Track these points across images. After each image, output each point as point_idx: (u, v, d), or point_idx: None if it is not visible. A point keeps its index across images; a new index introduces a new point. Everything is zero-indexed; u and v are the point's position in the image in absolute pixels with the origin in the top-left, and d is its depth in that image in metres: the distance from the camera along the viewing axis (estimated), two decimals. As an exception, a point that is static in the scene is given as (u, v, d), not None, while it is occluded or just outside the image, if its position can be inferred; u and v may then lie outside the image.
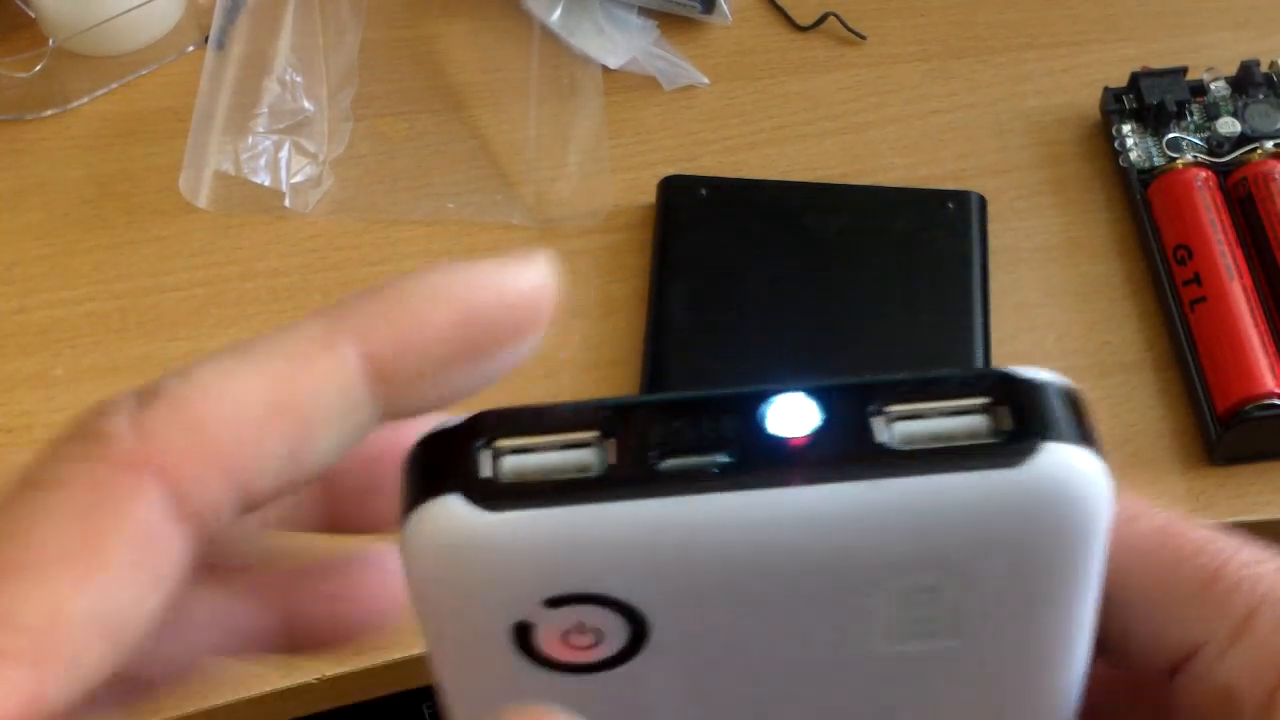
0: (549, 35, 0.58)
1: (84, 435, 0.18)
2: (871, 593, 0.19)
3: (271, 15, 0.56)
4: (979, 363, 0.50)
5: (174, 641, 0.20)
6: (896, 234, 0.53)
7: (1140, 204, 0.54)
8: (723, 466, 0.18)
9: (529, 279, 0.19)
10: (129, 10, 0.57)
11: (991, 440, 0.18)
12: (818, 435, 0.18)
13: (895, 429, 0.18)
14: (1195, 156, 0.54)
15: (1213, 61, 0.57)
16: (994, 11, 0.61)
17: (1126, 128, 0.56)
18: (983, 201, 0.54)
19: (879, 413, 0.18)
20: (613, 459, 0.18)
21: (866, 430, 0.18)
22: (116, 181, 0.57)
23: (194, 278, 0.54)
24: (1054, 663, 0.20)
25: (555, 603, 0.18)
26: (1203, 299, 0.51)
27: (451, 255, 0.55)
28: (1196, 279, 0.51)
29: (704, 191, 0.54)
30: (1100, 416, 0.52)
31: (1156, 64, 0.57)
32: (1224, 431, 0.48)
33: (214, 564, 0.20)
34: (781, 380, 0.19)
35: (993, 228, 0.54)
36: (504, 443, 0.18)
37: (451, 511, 0.18)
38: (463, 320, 0.19)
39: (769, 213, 0.53)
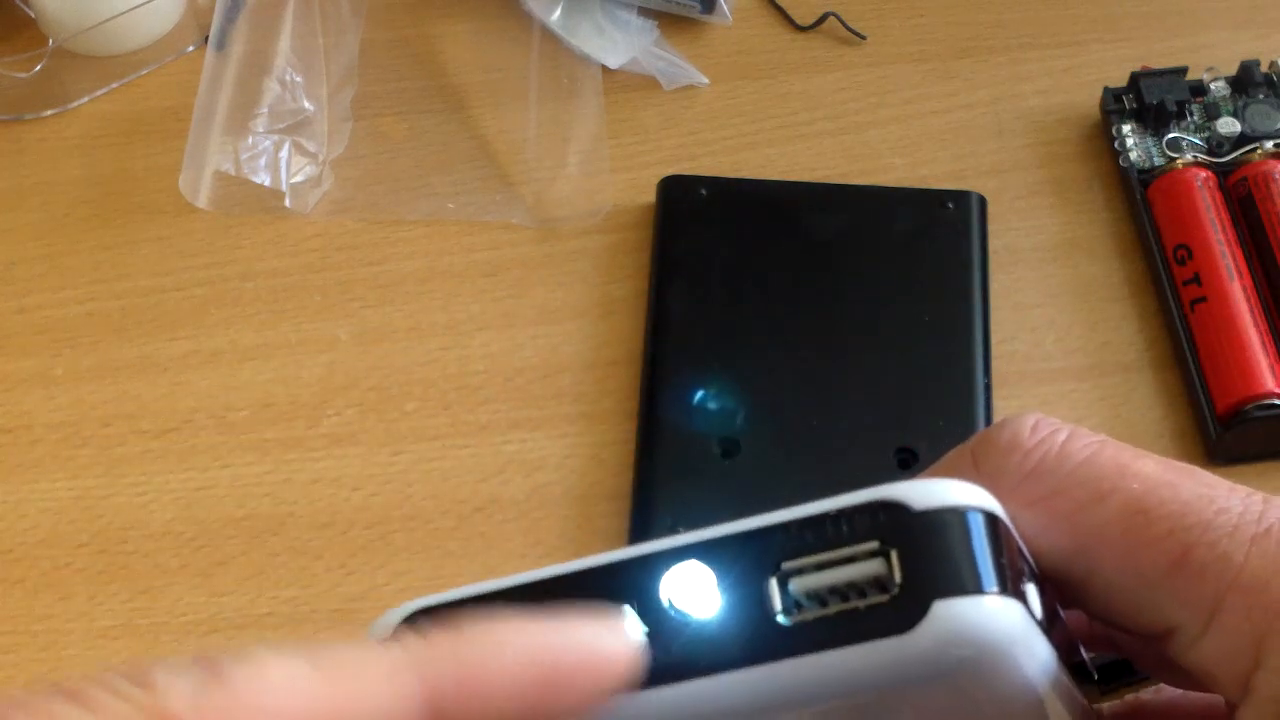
0: (549, 35, 0.58)
1: (142, 707, 0.16)
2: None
3: (271, 15, 0.56)
4: (979, 365, 0.50)
5: None
6: (896, 234, 0.53)
7: (1140, 204, 0.54)
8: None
9: (616, 645, 0.19)
10: (129, 10, 0.57)
11: (882, 600, 0.18)
12: (716, 616, 0.19)
13: (791, 586, 0.19)
14: (1195, 156, 0.54)
15: (1213, 61, 0.57)
16: (994, 11, 0.61)
17: (1126, 128, 0.56)
18: (983, 201, 0.54)
19: (774, 571, 0.19)
20: None
21: (763, 602, 0.19)
22: (116, 181, 0.57)
23: (194, 278, 0.54)
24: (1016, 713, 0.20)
25: None
26: (1203, 299, 0.51)
27: (451, 255, 0.55)
28: (1196, 279, 0.51)
29: (704, 191, 0.54)
30: (1100, 416, 0.52)
31: (1156, 64, 0.57)
32: (1224, 431, 0.48)
33: None
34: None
35: (993, 228, 0.54)
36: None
37: None
38: (540, 680, 0.18)
39: (769, 213, 0.53)
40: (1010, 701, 0.20)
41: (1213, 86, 0.56)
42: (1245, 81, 0.56)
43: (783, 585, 0.19)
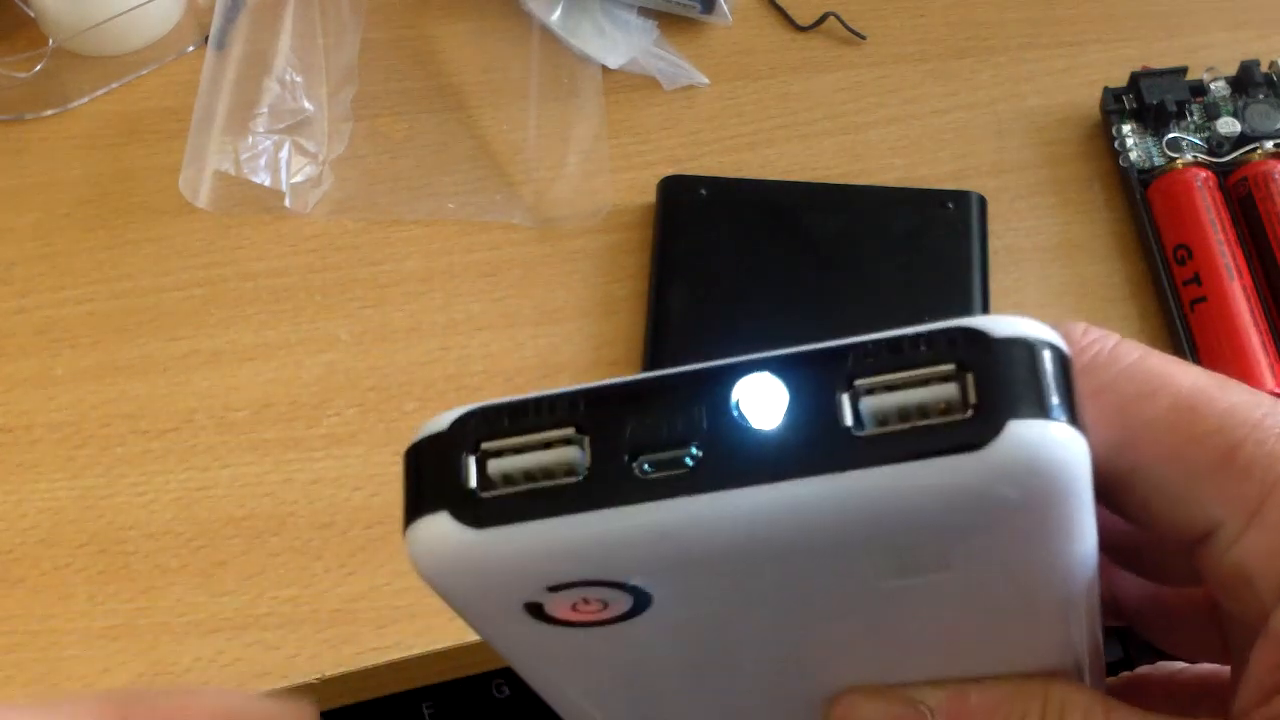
0: (549, 35, 0.58)
1: None
2: (854, 559, 0.19)
3: (271, 15, 0.56)
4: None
5: None
6: (896, 234, 0.53)
7: (1140, 204, 0.54)
8: (695, 462, 0.19)
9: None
10: (129, 10, 0.57)
11: (957, 418, 0.18)
12: (785, 425, 0.19)
13: (863, 405, 0.19)
14: (1195, 156, 0.54)
15: (1213, 61, 0.57)
16: (994, 11, 0.61)
17: (1126, 128, 0.56)
18: (983, 201, 0.54)
19: (846, 388, 0.19)
20: (589, 460, 0.19)
21: (833, 414, 0.18)
22: (116, 181, 0.57)
23: (194, 278, 0.54)
24: (1052, 590, 0.20)
25: (555, 589, 0.19)
26: (1203, 299, 0.51)
27: (451, 255, 0.55)
28: (1196, 279, 0.51)
29: (704, 191, 0.54)
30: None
31: (1156, 64, 0.57)
32: (1224, 431, 0.48)
33: None
34: (753, 349, 0.20)
35: (993, 228, 0.54)
36: (488, 445, 0.19)
37: (441, 530, 0.19)
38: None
39: (769, 213, 0.53)
40: (1050, 567, 0.20)
41: (1213, 86, 0.56)
42: (1245, 81, 0.56)
43: (855, 401, 0.19)
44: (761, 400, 0.19)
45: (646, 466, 0.19)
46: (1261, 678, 0.20)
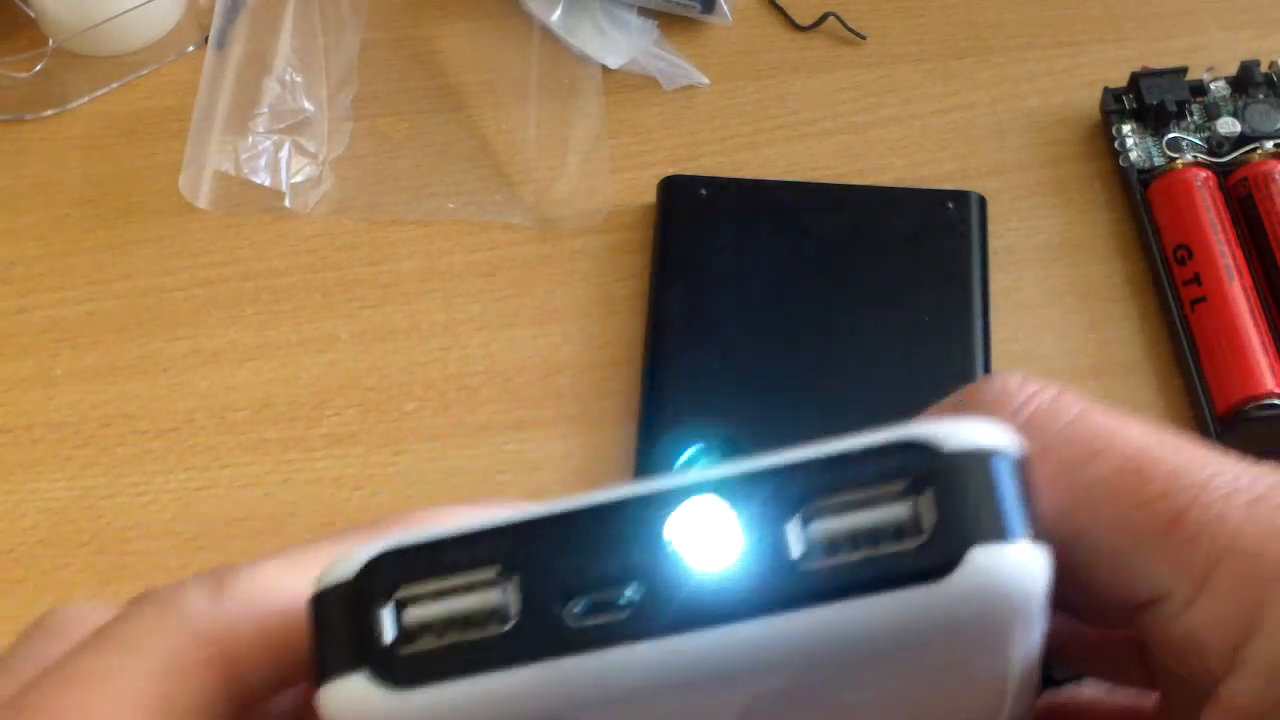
0: (549, 35, 0.58)
1: (162, 606, 0.19)
2: (805, 686, 0.18)
3: (271, 15, 0.56)
4: (980, 365, 0.50)
5: None
6: (896, 234, 0.53)
7: (1140, 204, 0.54)
8: (633, 605, 0.17)
9: None
10: (129, 10, 0.57)
11: (913, 545, 0.17)
12: (728, 559, 0.17)
13: (812, 531, 0.17)
14: (1195, 156, 0.54)
15: (1213, 61, 0.57)
16: (994, 11, 0.61)
17: (1126, 128, 0.56)
18: (983, 201, 0.54)
19: (794, 515, 0.18)
20: (518, 604, 0.18)
21: (780, 545, 0.17)
22: (116, 181, 0.57)
23: (194, 278, 0.54)
24: (997, 682, 0.20)
25: None
26: (1203, 299, 0.51)
27: (451, 255, 0.55)
28: (1196, 279, 0.51)
29: (704, 191, 0.54)
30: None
31: (1156, 64, 0.57)
32: (1224, 431, 0.48)
33: None
34: (689, 469, 0.18)
35: (993, 228, 0.54)
36: (403, 593, 0.18)
37: (359, 694, 0.18)
38: None
39: (769, 213, 0.53)
40: (999, 668, 0.19)
41: (1213, 86, 0.56)
42: (1245, 81, 0.56)
43: (802, 527, 0.17)
44: (702, 532, 0.18)
45: (580, 610, 0.17)
46: None
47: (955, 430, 0.18)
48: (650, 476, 0.18)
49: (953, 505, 0.17)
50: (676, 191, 0.54)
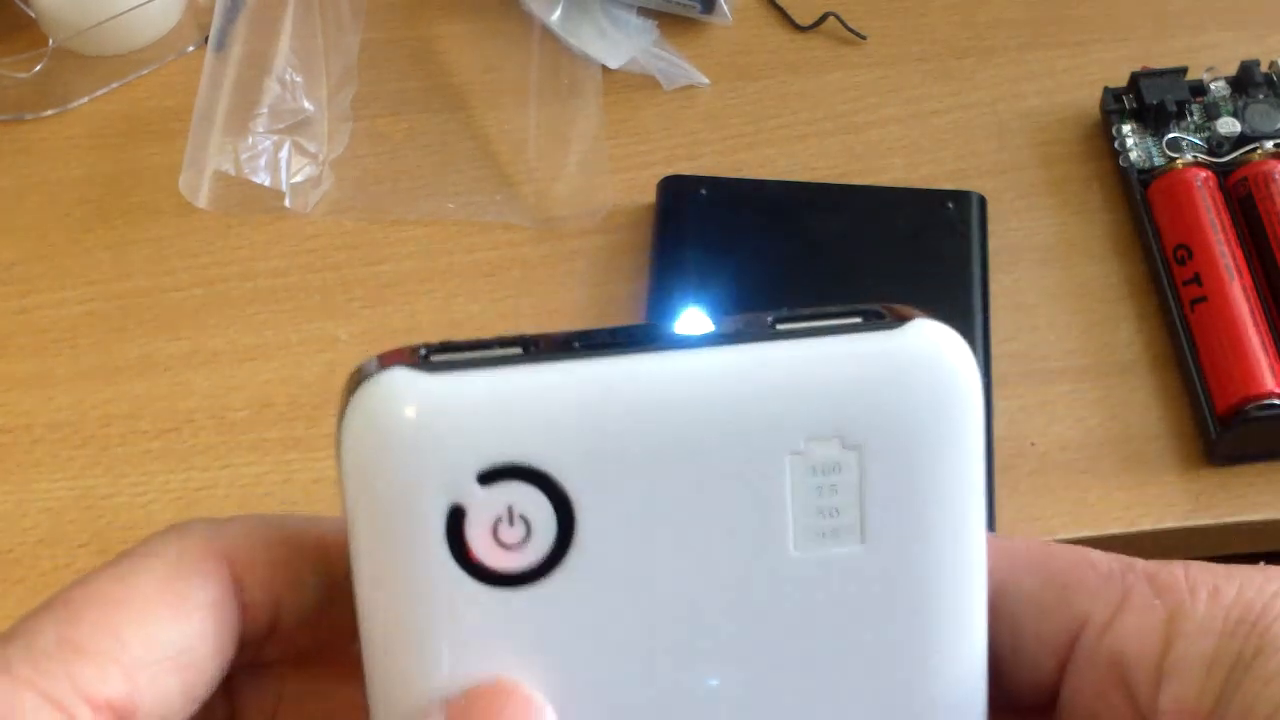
0: (549, 35, 0.58)
1: (174, 527, 0.22)
2: (779, 467, 0.20)
3: (271, 15, 0.56)
4: (979, 363, 0.50)
5: None
6: (896, 234, 0.53)
7: (1140, 204, 0.54)
8: (634, 343, 0.20)
9: None
10: (129, 10, 0.57)
11: (867, 324, 0.21)
12: (720, 325, 0.21)
13: (784, 322, 0.21)
14: (1195, 156, 0.54)
15: (1213, 61, 0.57)
16: (994, 11, 0.61)
17: (1126, 128, 0.56)
18: (983, 201, 0.54)
19: (769, 324, 0.21)
20: (535, 348, 0.20)
21: (760, 321, 0.21)
22: (116, 181, 0.57)
23: (194, 278, 0.54)
24: (952, 571, 0.21)
25: (487, 479, 0.20)
26: (1203, 299, 0.51)
27: (451, 255, 0.55)
28: (1196, 279, 0.51)
29: (704, 191, 0.54)
30: (1100, 416, 0.52)
31: (1156, 64, 0.57)
32: (1224, 432, 0.48)
33: None
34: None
35: (993, 228, 0.54)
36: (437, 358, 0.20)
37: (396, 378, 0.20)
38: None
39: (769, 213, 0.53)
40: (953, 464, 0.21)
41: (1213, 86, 0.56)
42: (1245, 81, 0.56)
43: (775, 324, 0.21)
44: (698, 322, 0.21)
45: (590, 344, 0.20)
46: None
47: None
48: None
49: (898, 311, 0.21)
50: (676, 191, 0.54)
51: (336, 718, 0.24)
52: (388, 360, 0.21)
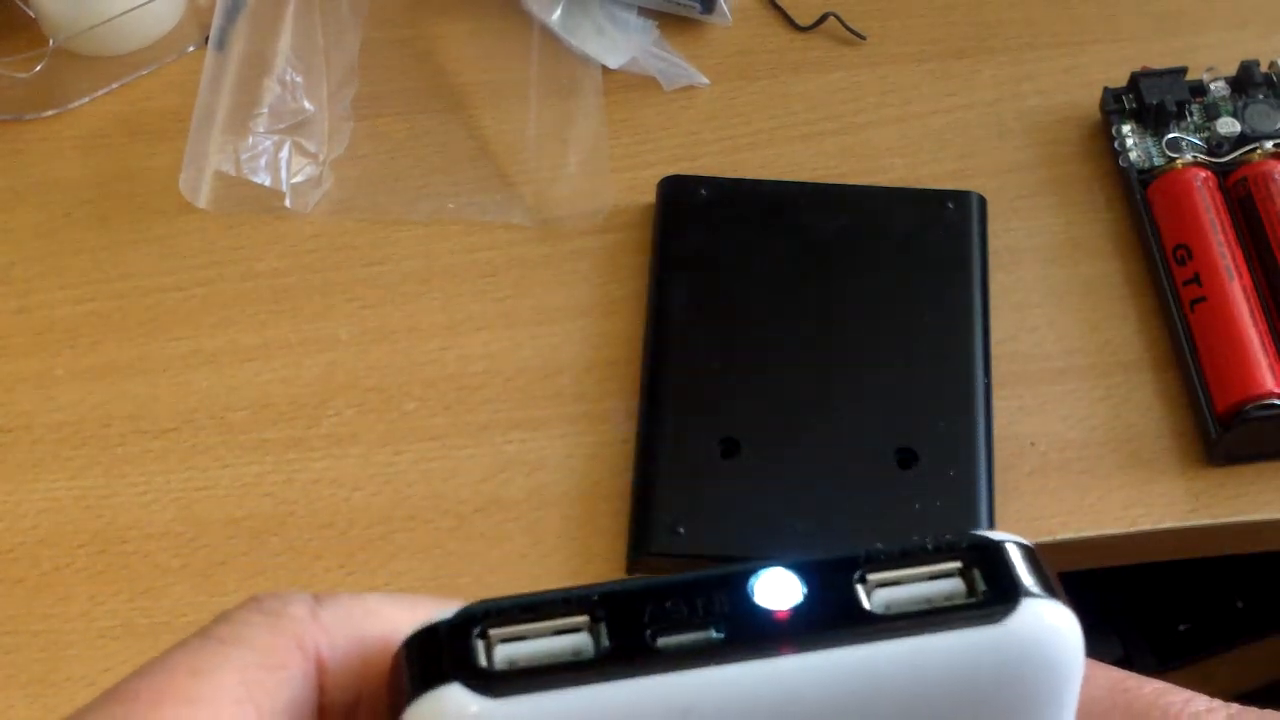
0: (549, 35, 0.58)
1: (265, 608, 0.20)
2: None
3: (271, 15, 0.56)
4: (979, 365, 0.50)
5: None
6: (896, 234, 0.53)
7: (1140, 204, 0.54)
8: (718, 640, 0.19)
9: None
10: (129, 10, 0.57)
11: (971, 601, 0.19)
12: (806, 606, 0.19)
13: (877, 596, 0.19)
14: (1195, 156, 0.54)
15: (1213, 61, 0.57)
16: (994, 11, 0.61)
17: (1126, 128, 0.56)
18: (983, 201, 0.54)
19: (862, 580, 0.19)
20: (606, 640, 0.19)
21: (852, 598, 0.19)
22: (116, 181, 0.57)
23: (194, 278, 0.54)
24: None
25: None
26: (1203, 299, 0.51)
27: (451, 255, 0.55)
28: (1196, 279, 0.51)
29: (704, 191, 0.54)
30: (1100, 416, 0.52)
31: (1156, 64, 0.57)
32: (1224, 432, 0.48)
33: None
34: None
35: (993, 228, 0.54)
36: (495, 632, 0.19)
37: (455, 699, 0.18)
38: None
39: (769, 213, 0.53)
40: None
41: (1213, 86, 0.56)
42: (1245, 81, 0.56)
43: (869, 593, 0.19)
44: (779, 590, 0.19)
45: (667, 643, 0.19)
46: None
47: (994, 534, 0.20)
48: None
49: (1000, 571, 0.19)
50: (676, 191, 0.54)
51: None
52: (445, 661, 0.19)
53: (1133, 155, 0.55)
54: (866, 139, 0.57)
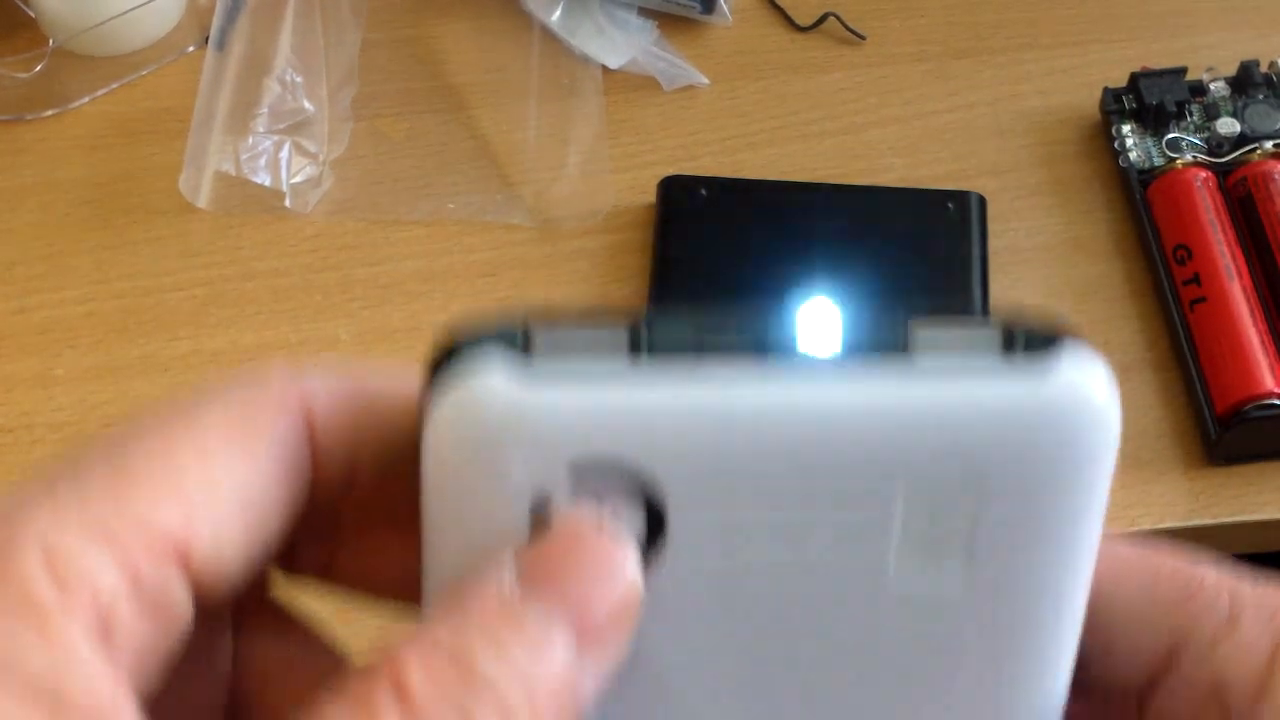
0: (549, 35, 0.58)
1: (247, 371, 0.20)
2: (892, 500, 0.19)
3: (271, 15, 0.56)
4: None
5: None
6: (896, 234, 0.53)
7: (1140, 204, 0.54)
8: (757, 355, 0.18)
9: None
10: (129, 10, 0.57)
11: (1013, 355, 0.19)
12: (849, 340, 0.19)
13: (920, 336, 0.19)
14: (1195, 157, 0.54)
15: (1213, 61, 0.57)
16: (994, 11, 0.61)
17: (1126, 128, 0.56)
18: (983, 201, 0.54)
19: (905, 323, 0.19)
20: (648, 346, 0.19)
21: (895, 338, 0.19)
22: (116, 181, 0.57)
23: (194, 278, 0.54)
24: (1053, 611, 0.20)
25: (579, 470, 0.18)
26: (1203, 299, 0.51)
27: (451, 255, 0.55)
28: (1196, 279, 0.51)
29: (704, 191, 0.54)
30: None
31: (1156, 64, 0.57)
32: (1224, 431, 0.48)
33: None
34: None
35: (993, 228, 0.54)
36: (536, 332, 0.19)
37: (493, 381, 0.18)
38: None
39: (769, 213, 0.53)
40: (1075, 512, 0.20)
41: (1212, 87, 0.56)
42: (1245, 81, 0.56)
43: (911, 334, 0.19)
44: (824, 322, 0.19)
45: (710, 355, 0.18)
46: None
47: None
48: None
49: (1044, 336, 0.19)
50: (676, 191, 0.54)
51: (394, 565, 0.22)
52: (482, 338, 0.18)
53: (1133, 155, 0.55)
54: (866, 139, 0.57)
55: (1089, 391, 0.19)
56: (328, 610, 0.24)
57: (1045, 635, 0.21)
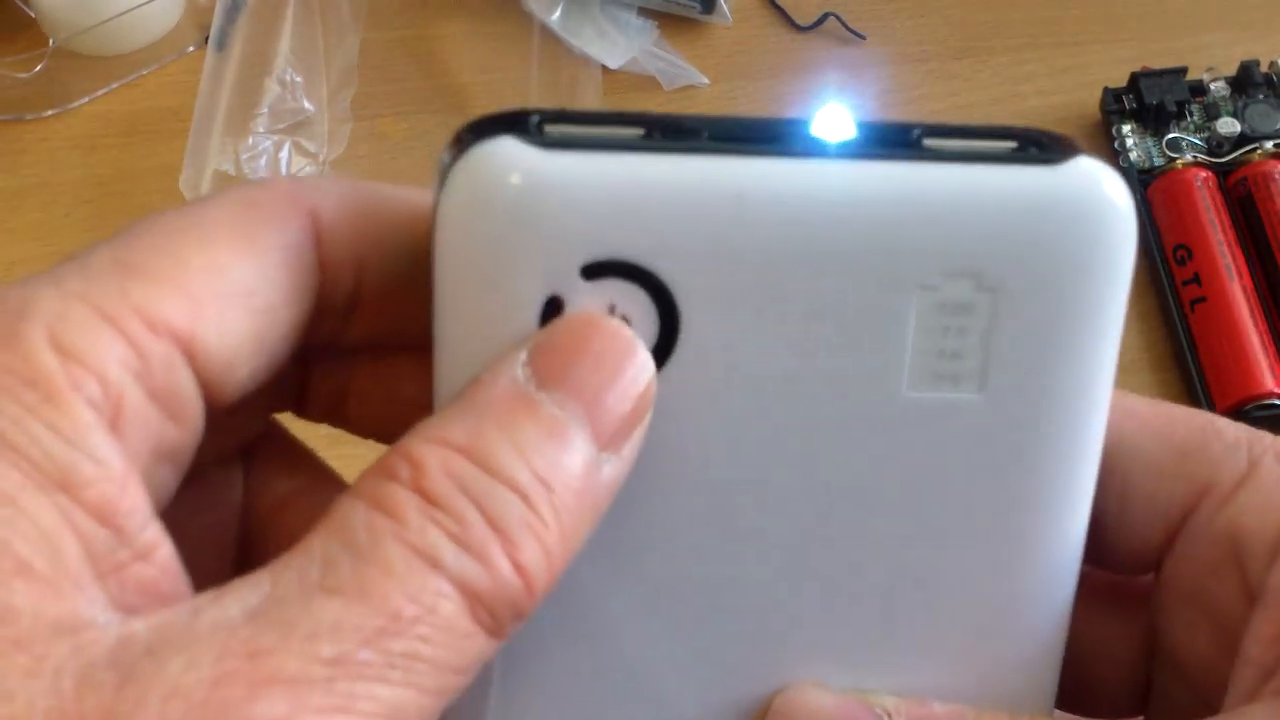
0: (549, 35, 0.58)
1: (250, 180, 0.19)
2: (905, 300, 0.19)
3: (271, 15, 0.56)
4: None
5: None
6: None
7: (1140, 204, 0.54)
8: (770, 144, 0.18)
9: None
10: (129, 10, 0.57)
11: (1025, 153, 0.19)
12: (860, 135, 0.19)
13: (933, 140, 0.19)
14: (1195, 156, 0.54)
15: (1213, 61, 0.57)
16: (994, 11, 0.61)
17: (1126, 128, 0.56)
18: (983, 201, 0.54)
19: (916, 127, 0.19)
20: (661, 136, 0.19)
21: (906, 135, 0.19)
22: (116, 181, 0.57)
23: (194, 278, 0.54)
24: (1069, 429, 0.20)
25: (592, 273, 0.18)
26: (1203, 299, 0.51)
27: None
28: (1196, 279, 0.51)
29: (704, 191, 0.54)
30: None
31: (1156, 64, 0.57)
32: (1224, 431, 0.48)
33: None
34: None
35: (993, 228, 0.54)
36: (551, 126, 0.19)
37: (508, 149, 0.18)
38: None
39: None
40: (1091, 316, 0.20)
41: (1213, 86, 0.56)
42: (1245, 81, 0.56)
43: (923, 137, 0.19)
44: (836, 123, 0.19)
45: (717, 138, 0.18)
46: (1261, 656, 0.20)
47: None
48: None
49: (1056, 139, 0.19)
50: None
51: (404, 398, 0.22)
52: (499, 124, 0.18)
53: (1133, 155, 0.55)
54: (866, 139, 0.57)
55: (1104, 183, 0.18)
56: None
57: (1061, 459, 0.20)
